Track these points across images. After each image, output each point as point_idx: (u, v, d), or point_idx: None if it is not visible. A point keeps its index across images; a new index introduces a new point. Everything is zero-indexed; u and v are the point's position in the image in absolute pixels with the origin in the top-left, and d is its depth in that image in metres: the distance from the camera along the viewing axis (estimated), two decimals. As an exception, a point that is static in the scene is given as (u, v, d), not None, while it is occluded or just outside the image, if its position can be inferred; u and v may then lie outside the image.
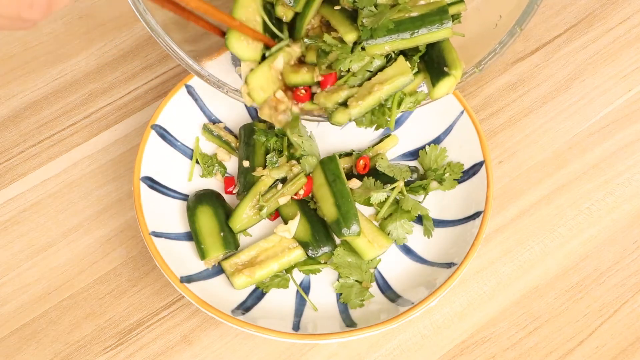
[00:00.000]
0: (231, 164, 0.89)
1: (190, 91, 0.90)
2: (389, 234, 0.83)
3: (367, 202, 0.84)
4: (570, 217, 0.88)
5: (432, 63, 0.78)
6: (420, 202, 0.85)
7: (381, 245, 0.81)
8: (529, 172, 0.91)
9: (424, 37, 0.76)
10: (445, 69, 0.76)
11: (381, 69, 0.78)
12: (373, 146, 0.90)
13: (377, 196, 0.83)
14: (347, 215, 0.80)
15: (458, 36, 0.78)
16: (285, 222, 0.83)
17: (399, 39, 0.76)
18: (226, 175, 0.89)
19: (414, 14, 0.75)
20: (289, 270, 0.82)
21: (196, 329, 0.81)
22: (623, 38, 1.01)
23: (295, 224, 0.82)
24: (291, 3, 0.78)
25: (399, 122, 0.91)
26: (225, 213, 0.84)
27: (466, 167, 0.86)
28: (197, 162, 0.88)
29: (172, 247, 0.81)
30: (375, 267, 0.83)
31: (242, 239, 0.85)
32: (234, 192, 0.87)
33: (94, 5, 1.05)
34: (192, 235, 0.83)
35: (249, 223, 0.83)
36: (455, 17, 0.79)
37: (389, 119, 0.78)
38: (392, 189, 0.84)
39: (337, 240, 0.83)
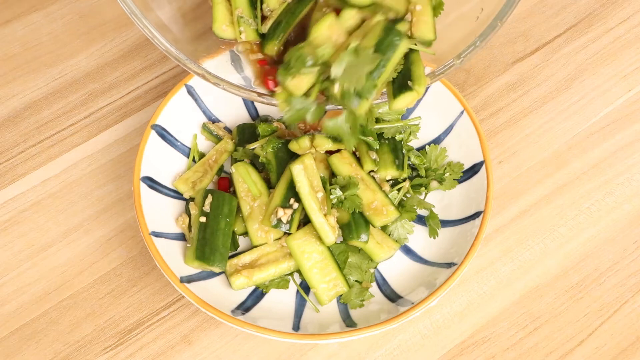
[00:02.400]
0: (229, 164, 0.89)
1: (190, 91, 0.90)
2: (389, 235, 0.83)
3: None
4: (570, 217, 0.88)
5: (398, 74, 0.75)
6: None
7: (390, 247, 0.81)
8: (529, 172, 0.91)
9: (393, 60, 0.73)
10: (410, 83, 0.73)
11: None
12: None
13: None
14: (359, 222, 0.80)
15: (441, 25, 0.78)
16: None
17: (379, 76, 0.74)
18: (222, 175, 0.89)
19: (370, 50, 0.71)
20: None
21: (196, 329, 0.81)
22: (623, 38, 1.01)
23: None
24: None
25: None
26: None
27: (466, 167, 0.86)
28: (194, 160, 0.88)
29: (172, 247, 0.81)
30: (375, 267, 0.83)
31: (242, 240, 0.85)
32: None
33: (94, 5, 1.05)
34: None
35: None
36: (428, 44, 0.76)
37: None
38: (399, 189, 0.84)
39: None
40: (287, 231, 0.79)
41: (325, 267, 0.79)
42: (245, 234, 0.83)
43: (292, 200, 0.79)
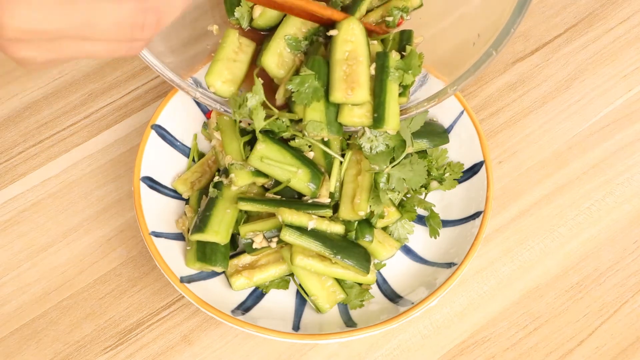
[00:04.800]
0: (231, 164, 0.89)
1: (190, 91, 0.90)
2: (390, 235, 0.83)
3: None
4: (570, 217, 0.88)
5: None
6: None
7: (391, 245, 0.81)
8: (529, 172, 0.91)
9: None
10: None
11: None
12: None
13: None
14: (363, 223, 0.80)
15: (438, 50, 0.78)
16: None
17: None
18: None
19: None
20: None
21: (196, 329, 0.81)
22: (623, 38, 1.02)
23: None
24: None
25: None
26: None
27: (466, 167, 0.86)
28: (194, 160, 0.88)
29: (172, 247, 0.81)
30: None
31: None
32: None
33: (94, 5, 1.04)
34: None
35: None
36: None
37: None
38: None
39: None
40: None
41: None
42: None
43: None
